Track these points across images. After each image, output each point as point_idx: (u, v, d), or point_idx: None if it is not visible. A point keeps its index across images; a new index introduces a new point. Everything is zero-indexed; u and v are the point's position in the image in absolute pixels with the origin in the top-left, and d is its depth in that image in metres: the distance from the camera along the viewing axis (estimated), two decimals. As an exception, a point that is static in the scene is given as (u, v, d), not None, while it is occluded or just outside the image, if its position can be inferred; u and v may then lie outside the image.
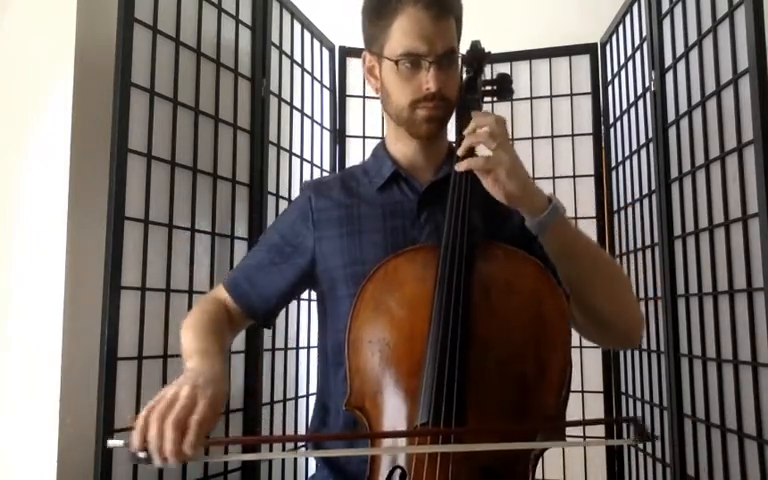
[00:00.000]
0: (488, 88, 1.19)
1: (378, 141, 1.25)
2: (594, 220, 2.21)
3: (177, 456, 0.79)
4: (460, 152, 1.02)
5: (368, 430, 0.95)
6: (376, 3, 1.10)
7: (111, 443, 0.83)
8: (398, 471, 0.89)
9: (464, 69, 1.19)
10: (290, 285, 1.18)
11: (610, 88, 2.22)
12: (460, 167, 1.00)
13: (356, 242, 1.13)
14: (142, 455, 0.80)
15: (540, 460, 1.04)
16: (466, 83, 1.16)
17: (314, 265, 1.16)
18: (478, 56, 1.18)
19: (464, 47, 1.18)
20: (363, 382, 0.97)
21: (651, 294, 1.89)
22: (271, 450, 1.52)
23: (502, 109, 2.29)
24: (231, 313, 1.18)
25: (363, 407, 0.96)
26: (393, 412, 0.93)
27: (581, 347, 2.18)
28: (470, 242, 0.99)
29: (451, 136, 1.16)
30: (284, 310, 1.96)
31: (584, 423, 0.95)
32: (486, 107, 1.19)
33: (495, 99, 1.23)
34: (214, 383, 0.88)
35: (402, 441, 0.93)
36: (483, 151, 1.00)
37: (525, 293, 0.99)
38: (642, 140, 1.94)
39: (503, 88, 1.20)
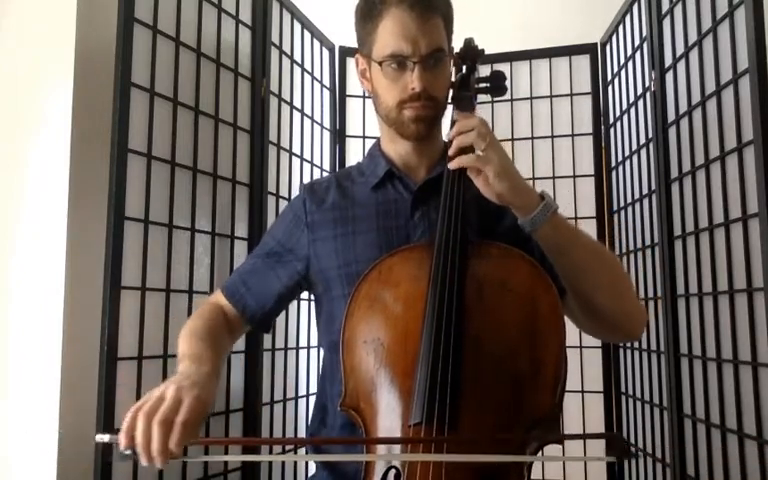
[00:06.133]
0: (482, 85, 1.18)
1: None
2: (594, 220, 2.21)
3: (163, 454, 0.80)
4: (451, 152, 1.02)
5: (363, 430, 0.95)
6: (363, 6, 1.11)
7: (99, 438, 0.83)
8: (393, 471, 0.88)
9: (461, 66, 1.18)
10: (285, 288, 1.19)
11: (610, 88, 2.22)
12: (452, 164, 1.01)
13: (350, 242, 1.13)
14: (128, 453, 0.81)
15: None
16: (459, 81, 1.16)
17: (309, 268, 1.17)
18: (471, 53, 1.17)
19: (458, 46, 1.17)
20: (358, 382, 0.97)
21: (651, 294, 1.89)
22: (271, 452, 1.50)
23: (502, 109, 2.30)
24: (229, 318, 1.19)
25: (358, 407, 0.96)
26: (387, 412, 0.93)
27: (581, 347, 2.18)
28: (463, 240, 0.99)
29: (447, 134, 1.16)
30: (284, 310, 1.97)
31: (563, 438, 0.95)
32: (486, 107, 1.18)
33: (490, 96, 1.23)
34: (199, 385, 0.88)
35: (397, 445, 0.92)
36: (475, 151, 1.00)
37: (519, 291, 0.98)
38: (642, 140, 1.94)
39: (497, 85, 1.19)
